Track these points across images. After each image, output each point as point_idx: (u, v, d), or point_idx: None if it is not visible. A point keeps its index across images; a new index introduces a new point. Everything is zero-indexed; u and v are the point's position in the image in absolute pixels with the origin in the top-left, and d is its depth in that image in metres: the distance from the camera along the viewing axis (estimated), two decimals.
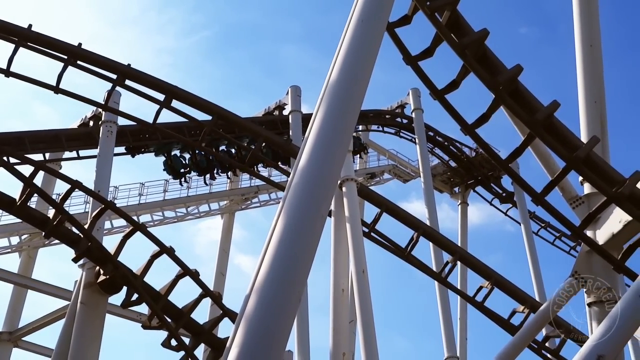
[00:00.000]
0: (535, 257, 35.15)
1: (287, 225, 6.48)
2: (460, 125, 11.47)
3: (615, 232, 11.41)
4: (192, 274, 15.62)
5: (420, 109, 35.17)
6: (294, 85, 30.39)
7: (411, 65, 11.71)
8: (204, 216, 34.04)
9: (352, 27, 8.24)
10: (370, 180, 39.11)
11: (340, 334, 20.80)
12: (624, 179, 10.42)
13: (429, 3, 10.87)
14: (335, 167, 7.25)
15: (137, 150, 27.61)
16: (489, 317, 20.73)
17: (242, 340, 5.77)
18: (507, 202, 40.57)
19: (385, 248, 22.04)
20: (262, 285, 6.08)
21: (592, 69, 13.05)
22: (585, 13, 13.31)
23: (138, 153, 27.79)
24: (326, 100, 7.58)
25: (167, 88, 20.03)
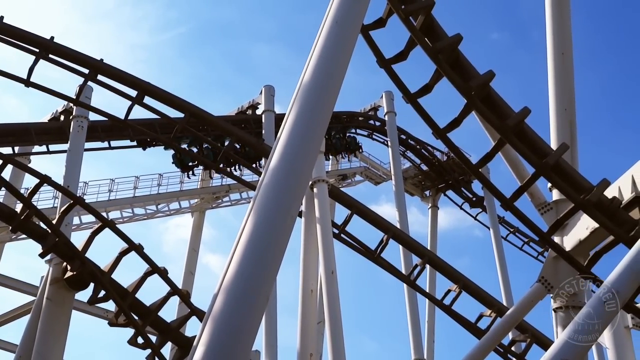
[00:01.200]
0: (503, 262, 35.44)
1: (257, 224, 6.47)
2: (432, 129, 11.53)
3: (582, 239, 11.54)
4: (161, 271, 15.54)
5: (393, 112, 35.31)
6: (268, 85, 30.41)
7: (385, 68, 11.75)
8: (174, 214, 33.89)
9: (326, 28, 8.25)
10: (341, 181, 39.17)
11: (308, 335, 20.80)
12: (591, 187, 10.53)
13: (404, 7, 10.92)
14: (307, 168, 7.25)
15: (147, 144, 27.61)
16: (457, 321, 20.82)
17: (208, 338, 5.75)
18: (477, 206, 40.84)
19: (355, 250, 22.07)
20: (230, 284, 6.07)
21: (563, 77, 13.19)
22: (558, 21, 13.44)
23: (148, 146, 27.69)
24: (299, 101, 7.58)
25: (139, 84, 19.90)
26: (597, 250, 11.11)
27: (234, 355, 5.70)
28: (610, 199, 10.46)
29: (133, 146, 26.98)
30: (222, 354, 5.67)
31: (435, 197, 41.18)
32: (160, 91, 20.37)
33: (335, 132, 36.49)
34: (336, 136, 36.65)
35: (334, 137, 36.44)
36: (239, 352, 5.76)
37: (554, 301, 12.20)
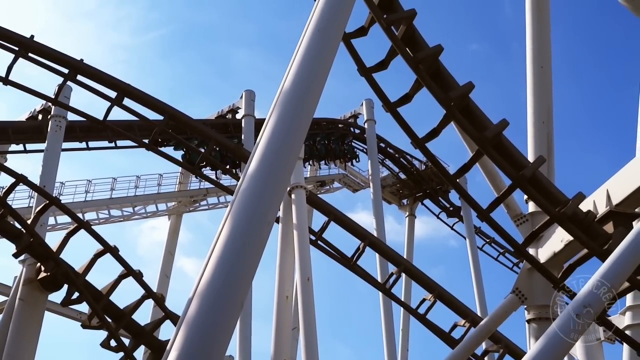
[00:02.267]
0: (478, 272, 35.63)
1: (233, 229, 6.46)
2: (411, 139, 11.58)
3: (557, 251, 11.64)
4: (136, 274, 15.45)
5: (372, 120, 35.43)
6: (248, 90, 30.39)
7: (365, 76, 11.79)
8: (151, 216, 33.79)
9: (308, 35, 8.26)
10: (320, 188, 39.25)
11: (282, 341, 20.76)
12: (567, 200, 10.62)
13: (386, 16, 10.97)
14: (285, 173, 7.25)
15: (158, 144, 27.49)
16: (431, 330, 20.89)
17: (181, 343, 5.73)
18: (454, 216, 41.04)
19: (332, 257, 22.09)
20: (205, 288, 6.05)
21: (541, 90, 13.31)
22: (537, 35, 13.57)
23: (160, 146, 27.57)
24: (279, 107, 7.59)
25: (119, 85, 19.80)
26: (571, 263, 11.19)
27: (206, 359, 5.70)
28: (585, 213, 10.55)
29: (111, 147, 26.79)
30: (195, 359, 5.66)
31: (413, 206, 41.34)
32: (140, 93, 20.29)
33: (320, 139, 36.67)
34: (321, 142, 36.78)
35: (319, 143, 36.61)
36: (212, 357, 5.74)
37: (528, 312, 12.28)
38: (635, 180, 10.41)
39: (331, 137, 37.01)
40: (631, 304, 16.17)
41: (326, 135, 37.08)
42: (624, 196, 10.51)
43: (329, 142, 36.90)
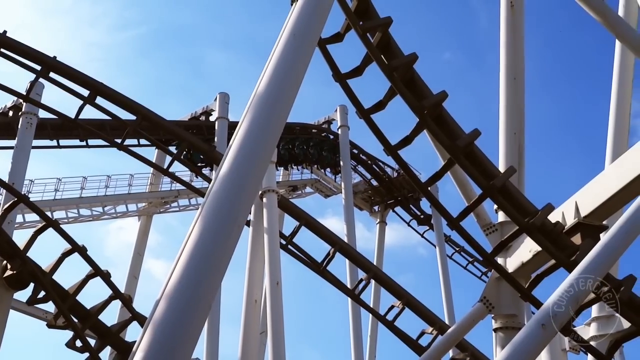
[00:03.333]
0: (447, 280, 35.83)
1: (203, 231, 6.44)
2: (383, 146, 11.61)
3: (525, 261, 11.73)
4: (103, 274, 15.34)
5: (346, 126, 35.53)
6: (223, 92, 30.34)
7: (340, 82, 11.82)
8: (121, 217, 33.56)
9: (283, 39, 8.27)
10: (292, 192, 39.22)
11: (250, 345, 20.69)
12: (536, 210, 10.71)
13: (362, 23, 11.01)
14: (256, 177, 7.24)
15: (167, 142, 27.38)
16: (398, 337, 20.95)
17: (147, 344, 5.69)
18: (425, 224, 41.24)
19: (301, 261, 22.07)
20: (173, 290, 6.02)
21: (514, 101, 13.43)
22: (511, 46, 13.70)
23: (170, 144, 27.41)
24: (252, 110, 7.58)
25: (92, 84, 19.64)
26: (538, 273, 11.29)
27: None
28: (553, 224, 10.65)
29: (82, 146, 26.59)
30: None
31: (384, 213, 41.46)
32: (113, 92, 20.15)
33: (299, 143, 36.77)
34: (300, 147, 36.87)
35: (298, 148, 36.71)
36: (177, 359, 5.71)
37: (495, 321, 12.36)
38: (603, 193, 10.53)
39: (310, 142, 37.11)
40: (596, 315, 16.32)
41: (305, 141, 37.18)
42: (592, 208, 10.62)
43: (308, 147, 36.98)
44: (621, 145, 15.66)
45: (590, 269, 8.49)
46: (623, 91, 16.44)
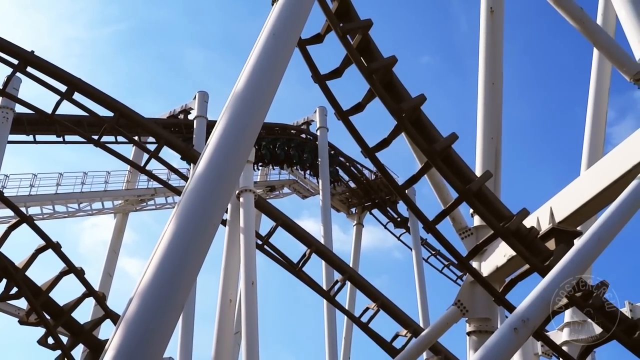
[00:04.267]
0: (422, 283, 35.93)
1: (178, 230, 6.41)
2: (361, 148, 11.63)
3: (499, 266, 11.81)
4: (77, 271, 15.18)
5: (325, 128, 35.56)
6: (202, 91, 30.24)
7: (319, 83, 11.82)
8: (97, 214, 33.29)
9: (263, 39, 8.26)
10: (269, 193, 39.17)
11: (224, 345, 20.62)
12: (511, 215, 10.78)
13: (342, 25, 11.02)
14: (232, 176, 7.22)
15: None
16: (372, 339, 20.96)
17: (119, 342, 5.65)
18: (401, 227, 41.32)
19: (277, 262, 22.05)
20: (146, 288, 5.98)
21: (491, 107, 13.53)
22: (490, 52, 13.79)
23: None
24: (230, 109, 7.55)
25: (70, 79, 19.50)
26: (512, 278, 11.36)
27: None
28: (528, 229, 10.72)
29: (59, 142, 26.37)
30: (132, 359, 5.58)
31: (361, 215, 41.48)
32: (91, 88, 20.02)
33: (280, 144, 36.78)
34: (282, 147, 36.87)
35: (279, 148, 36.73)
36: (148, 358, 5.68)
37: (469, 325, 12.43)
38: (578, 199, 10.63)
39: (291, 143, 37.14)
40: (569, 320, 16.46)
41: (286, 142, 37.20)
42: (566, 214, 10.72)
43: (289, 148, 36.98)
44: (596, 152, 15.81)
45: (563, 274, 8.57)
46: (599, 99, 16.59)
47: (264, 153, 36.09)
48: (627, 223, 9.20)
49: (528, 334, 8.06)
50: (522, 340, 7.95)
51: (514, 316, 7.97)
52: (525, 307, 8.02)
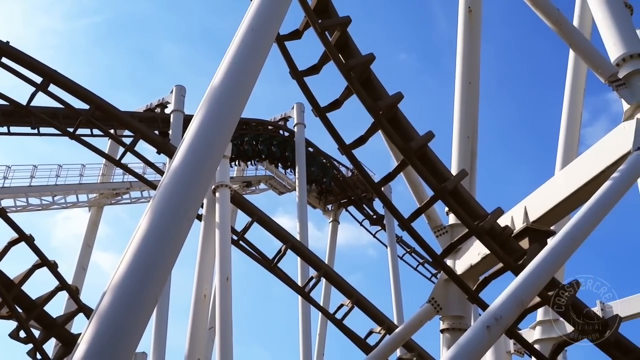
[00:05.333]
0: (397, 280, 36.03)
1: (153, 223, 6.37)
2: (338, 145, 11.65)
3: (473, 264, 11.90)
4: (50, 264, 15.07)
5: (302, 124, 35.51)
6: (179, 85, 30.06)
7: (297, 79, 11.83)
8: (71, 207, 33.06)
9: (241, 34, 8.23)
10: (245, 188, 39.09)
11: (198, 339, 20.60)
12: (486, 214, 10.85)
13: (321, 21, 11.03)
14: (209, 171, 7.19)
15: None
16: (347, 335, 20.98)
17: (91, 336, 5.61)
18: (377, 224, 41.35)
19: (252, 257, 21.98)
20: (119, 282, 5.94)
21: (468, 106, 13.61)
22: (468, 51, 13.87)
23: None
24: (207, 104, 7.52)
25: (45, 71, 19.31)
26: (486, 276, 11.44)
27: (115, 355, 5.58)
28: (502, 228, 10.80)
29: (33, 134, 26.12)
30: (104, 353, 5.54)
31: (337, 212, 41.50)
32: (67, 80, 19.83)
33: (262, 139, 36.81)
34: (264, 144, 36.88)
35: (262, 144, 36.78)
36: (121, 352, 5.64)
37: (442, 322, 12.51)
38: (552, 199, 10.72)
39: (273, 140, 37.19)
40: (541, 319, 16.59)
41: (268, 138, 37.22)
42: (540, 213, 10.81)
43: (271, 145, 37.01)
44: (571, 153, 15.96)
45: (536, 273, 8.64)
46: (575, 100, 16.75)
47: (247, 149, 36.23)
48: (600, 223, 9.29)
49: (500, 332, 8.11)
50: (494, 338, 7.99)
51: (487, 314, 8.01)
52: (498, 305, 8.07)
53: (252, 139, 36.59)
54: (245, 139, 36.01)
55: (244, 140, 35.97)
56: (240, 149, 35.74)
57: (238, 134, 35.43)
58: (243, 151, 36.14)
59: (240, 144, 35.55)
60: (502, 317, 7.90)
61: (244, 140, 35.95)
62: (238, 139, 35.38)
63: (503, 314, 7.94)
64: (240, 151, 35.81)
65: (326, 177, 39.31)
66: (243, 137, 35.86)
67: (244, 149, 36.17)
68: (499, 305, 8.07)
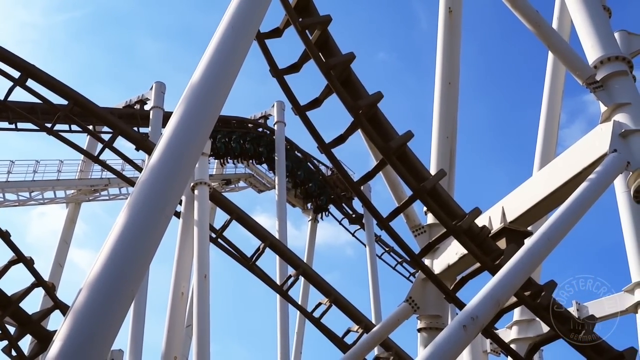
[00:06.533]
0: (376, 280, 36.08)
1: (130, 220, 6.33)
2: (317, 143, 11.65)
3: (451, 263, 11.96)
4: (27, 261, 14.94)
5: (282, 122, 35.46)
6: (159, 82, 29.89)
7: (277, 78, 11.81)
8: (49, 203, 32.82)
9: (221, 31, 8.20)
10: (225, 186, 38.99)
11: (175, 337, 20.53)
12: (464, 214, 10.90)
13: (301, 20, 11.02)
14: (187, 168, 7.16)
15: None
16: (324, 334, 21.01)
17: (67, 332, 5.57)
18: (356, 223, 41.40)
19: (231, 255, 21.93)
20: (95, 279, 5.90)
21: (447, 106, 13.67)
22: (448, 52, 13.93)
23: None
24: (186, 101, 7.49)
25: (23, 66, 19.15)
26: (463, 276, 11.50)
27: (90, 352, 5.54)
28: (480, 228, 10.86)
29: (11, 129, 25.87)
30: (79, 350, 5.50)
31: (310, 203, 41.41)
32: (45, 75, 19.68)
33: (250, 139, 36.89)
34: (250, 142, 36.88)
35: (249, 143, 36.81)
36: (96, 349, 5.61)
37: (420, 321, 12.56)
38: (529, 199, 10.80)
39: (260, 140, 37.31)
40: (518, 319, 16.70)
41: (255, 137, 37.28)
42: (518, 214, 10.89)
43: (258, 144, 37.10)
44: (549, 154, 16.09)
45: (513, 273, 8.69)
46: (553, 101, 16.88)
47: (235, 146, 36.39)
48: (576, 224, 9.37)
49: (477, 331, 8.16)
50: (470, 337, 8.04)
51: (463, 313, 8.05)
52: (475, 304, 8.11)
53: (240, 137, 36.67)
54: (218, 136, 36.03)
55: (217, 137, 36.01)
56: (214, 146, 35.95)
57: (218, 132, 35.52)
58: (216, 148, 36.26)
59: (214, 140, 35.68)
60: (478, 316, 7.95)
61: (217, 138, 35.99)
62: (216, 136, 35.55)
63: (479, 314, 7.99)
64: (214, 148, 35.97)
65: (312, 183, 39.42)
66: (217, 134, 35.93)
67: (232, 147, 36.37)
68: (475, 305, 8.12)
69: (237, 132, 37.01)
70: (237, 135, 36.89)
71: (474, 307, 8.06)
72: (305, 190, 39.50)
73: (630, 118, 10.00)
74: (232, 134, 36.77)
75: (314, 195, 39.83)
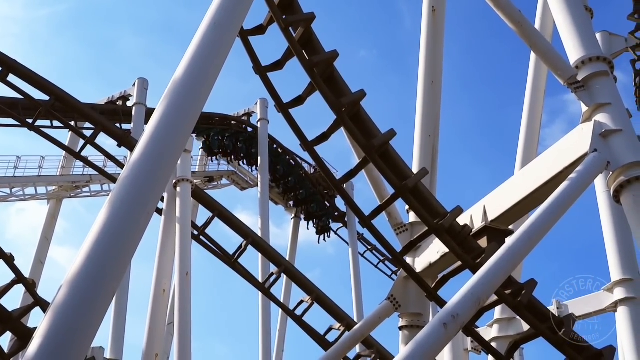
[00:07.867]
0: (358, 278, 36.12)
1: (110, 217, 6.30)
2: (300, 141, 11.64)
3: (433, 262, 12.00)
4: (7, 257, 14.87)
5: (266, 120, 35.42)
6: (142, 78, 29.77)
7: (260, 75, 11.78)
8: (30, 199, 32.60)
9: (204, 27, 8.18)
10: (207, 183, 38.90)
11: (156, 335, 20.47)
12: (445, 212, 10.93)
13: (285, 17, 11.01)
14: (169, 165, 7.13)
15: None
16: (306, 332, 21.01)
17: (46, 330, 5.54)
18: (338, 221, 41.46)
19: (213, 253, 21.87)
20: (76, 276, 5.87)
21: (430, 104, 13.71)
22: (431, 51, 13.96)
23: None
24: (168, 97, 7.47)
25: (4, 60, 19.01)
26: (445, 274, 11.53)
27: (70, 349, 5.52)
28: (461, 226, 10.90)
29: None
30: (59, 347, 5.47)
31: (299, 208, 41.48)
32: (26, 70, 19.54)
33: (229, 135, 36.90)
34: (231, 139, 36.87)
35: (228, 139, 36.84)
36: (75, 346, 5.58)
37: (401, 319, 12.60)
38: (510, 199, 10.86)
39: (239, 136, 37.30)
40: (498, 317, 16.80)
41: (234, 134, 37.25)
42: (499, 213, 10.95)
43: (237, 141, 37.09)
44: (530, 154, 16.17)
45: (493, 271, 8.74)
46: (535, 100, 16.97)
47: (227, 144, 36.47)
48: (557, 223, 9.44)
49: (457, 330, 8.19)
50: (451, 335, 8.07)
51: (444, 312, 8.09)
52: (456, 303, 8.15)
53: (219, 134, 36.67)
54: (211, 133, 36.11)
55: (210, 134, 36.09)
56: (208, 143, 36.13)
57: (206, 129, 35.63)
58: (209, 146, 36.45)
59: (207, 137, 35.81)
60: (459, 314, 7.98)
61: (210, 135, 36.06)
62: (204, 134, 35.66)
63: (460, 312, 8.02)
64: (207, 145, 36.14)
65: (291, 177, 39.42)
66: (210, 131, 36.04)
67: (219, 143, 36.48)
68: (456, 303, 8.15)
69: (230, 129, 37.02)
70: (230, 133, 36.86)
71: (454, 305, 8.10)
72: (285, 184, 39.40)
73: (610, 118, 10.09)
74: (225, 132, 36.80)
75: (293, 189, 39.75)
